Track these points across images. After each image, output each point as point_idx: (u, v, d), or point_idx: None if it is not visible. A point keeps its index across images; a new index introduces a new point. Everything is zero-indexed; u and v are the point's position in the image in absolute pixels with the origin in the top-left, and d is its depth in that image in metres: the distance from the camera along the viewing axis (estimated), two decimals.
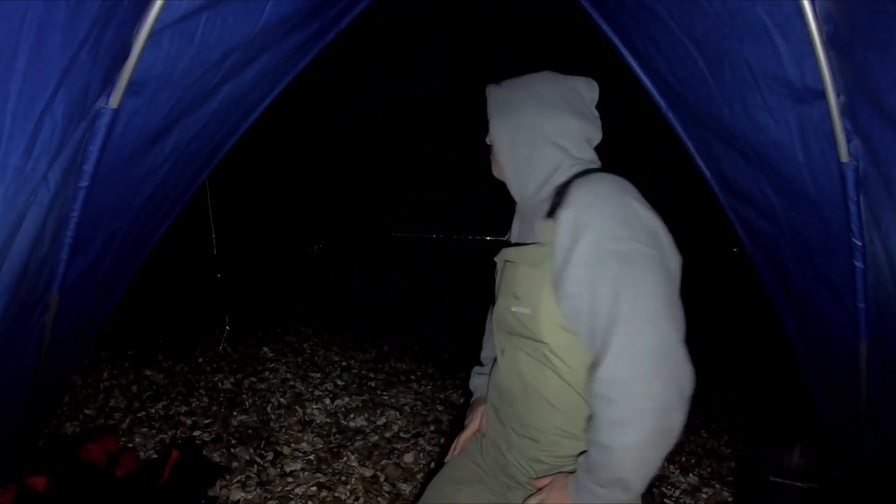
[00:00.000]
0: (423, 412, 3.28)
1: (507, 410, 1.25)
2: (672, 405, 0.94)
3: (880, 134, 1.15)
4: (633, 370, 0.94)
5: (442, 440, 2.95)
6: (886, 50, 0.99)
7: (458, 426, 3.08)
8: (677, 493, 2.55)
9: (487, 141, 1.23)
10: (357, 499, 2.39)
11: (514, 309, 1.16)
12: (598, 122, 1.21)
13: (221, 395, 3.30)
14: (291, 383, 3.51)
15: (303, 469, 2.58)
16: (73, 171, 1.33)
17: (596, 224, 1.01)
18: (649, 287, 0.97)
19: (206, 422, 2.97)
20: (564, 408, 1.15)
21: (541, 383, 1.15)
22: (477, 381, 1.51)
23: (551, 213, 1.09)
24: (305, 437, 2.87)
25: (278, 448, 2.74)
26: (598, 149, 1.22)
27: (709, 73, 1.53)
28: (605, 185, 1.06)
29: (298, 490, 2.40)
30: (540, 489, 1.16)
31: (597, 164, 1.19)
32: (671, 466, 2.75)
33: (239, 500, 2.32)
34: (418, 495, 2.45)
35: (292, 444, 2.79)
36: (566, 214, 1.04)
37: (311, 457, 2.69)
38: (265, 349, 4.01)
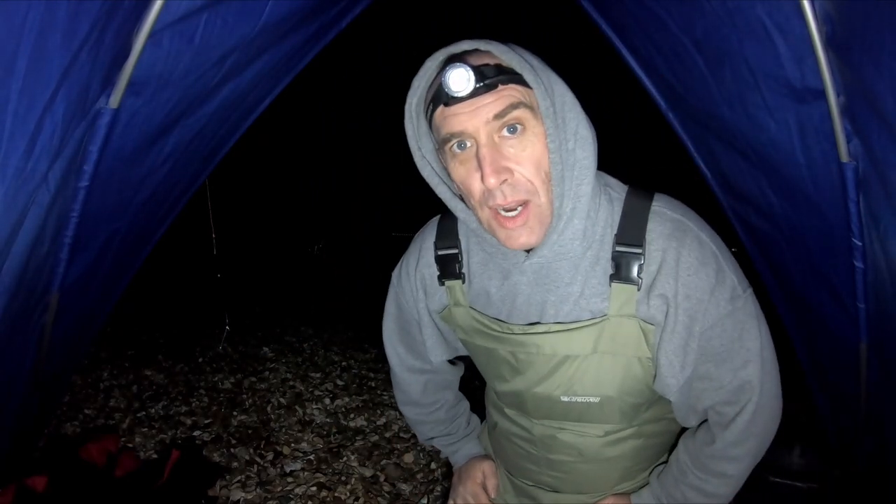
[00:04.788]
0: None
1: (553, 476, 1.12)
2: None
3: (877, 135, 1.15)
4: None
5: None
6: (880, 52, 0.99)
7: None
8: None
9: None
10: (357, 499, 2.39)
11: (567, 399, 0.97)
12: None
13: (221, 395, 3.30)
14: (291, 383, 3.51)
15: (303, 469, 2.58)
16: (73, 172, 1.33)
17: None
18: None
19: (206, 422, 2.97)
20: (633, 464, 1.09)
21: (607, 453, 1.04)
22: (466, 449, 1.28)
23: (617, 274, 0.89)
24: (305, 437, 2.87)
25: (278, 448, 2.74)
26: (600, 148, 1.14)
27: (709, 73, 1.53)
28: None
29: (298, 490, 2.40)
30: None
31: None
32: None
33: (239, 500, 2.32)
34: (419, 495, 2.45)
35: (292, 444, 2.79)
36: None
37: (311, 457, 2.69)
38: (265, 349, 4.00)
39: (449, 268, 1.02)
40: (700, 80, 1.58)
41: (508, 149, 0.82)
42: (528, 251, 0.90)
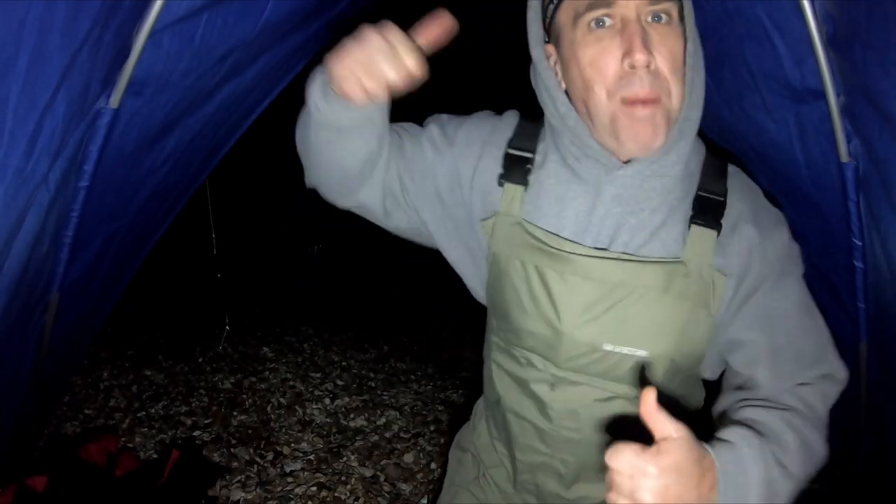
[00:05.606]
0: (423, 412, 3.28)
1: (563, 459, 0.99)
2: None
3: (879, 134, 1.15)
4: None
5: (442, 440, 2.95)
6: (884, 50, 0.99)
7: (457, 426, 3.08)
8: None
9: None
10: (357, 499, 2.39)
11: (609, 348, 0.86)
12: None
13: (221, 395, 3.30)
14: (291, 383, 3.51)
15: (303, 469, 2.58)
16: (73, 172, 1.33)
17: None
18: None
19: (206, 422, 2.97)
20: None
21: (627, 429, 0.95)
22: None
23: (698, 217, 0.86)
24: (305, 437, 2.87)
25: (278, 448, 2.74)
26: None
27: (708, 73, 1.53)
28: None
29: (298, 490, 2.40)
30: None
31: None
32: None
33: (239, 500, 2.32)
34: (419, 495, 2.46)
35: (292, 444, 2.79)
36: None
37: (311, 457, 2.69)
38: (265, 349, 4.00)
39: (515, 171, 0.90)
40: None
41: (655, 35, 0.79)
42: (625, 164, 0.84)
